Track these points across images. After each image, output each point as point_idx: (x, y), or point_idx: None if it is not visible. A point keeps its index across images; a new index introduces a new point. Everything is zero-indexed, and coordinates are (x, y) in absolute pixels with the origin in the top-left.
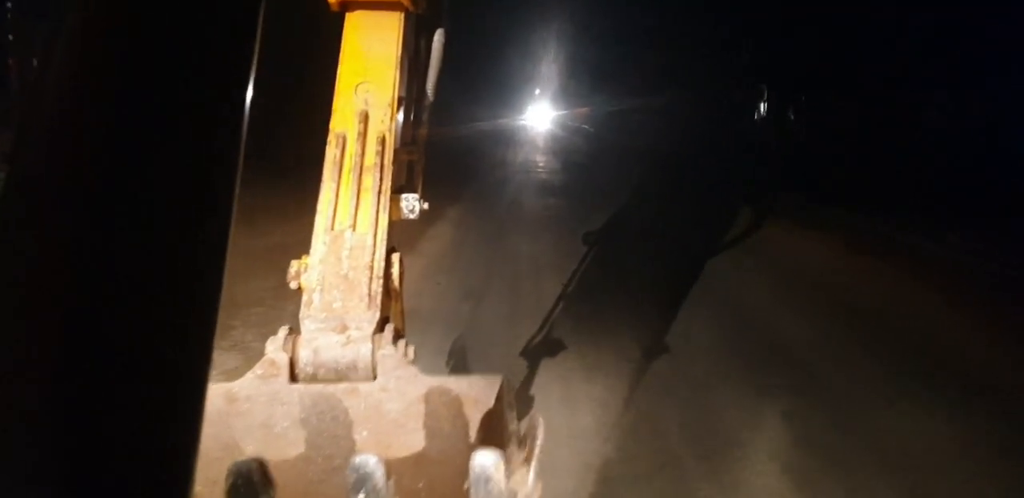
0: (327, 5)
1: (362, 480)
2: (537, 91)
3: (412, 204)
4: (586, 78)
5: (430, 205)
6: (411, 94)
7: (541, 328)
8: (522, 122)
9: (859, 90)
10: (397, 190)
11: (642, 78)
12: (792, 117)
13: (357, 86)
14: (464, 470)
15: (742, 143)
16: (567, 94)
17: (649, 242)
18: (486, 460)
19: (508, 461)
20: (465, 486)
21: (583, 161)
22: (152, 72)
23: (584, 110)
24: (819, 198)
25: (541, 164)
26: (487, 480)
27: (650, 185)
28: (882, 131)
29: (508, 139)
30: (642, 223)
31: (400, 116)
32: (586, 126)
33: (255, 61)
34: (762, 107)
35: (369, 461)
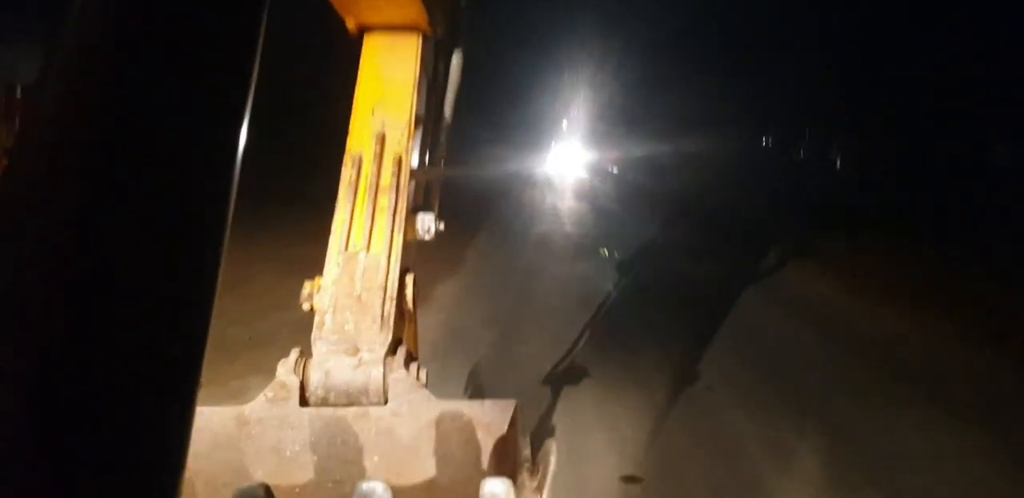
0: (344, 29)
1: None
2: (564, 129)
3: (428, 224)
4: (615, 121)
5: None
6: (429, 115)
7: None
8: (549, 166)
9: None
10: (413, 210)
11: (672, 122)
12: (838, 161)
13: (374, 108)
14: (475, 497)
15: (772, 186)
16: (596, 137)
17: (675, 288)
18: (496, 488)
19: (519, 488)
20: None
21: (613, 208)
22: (153, 84)
23: (614, 155)
24: (853, 239)
25: (567, 212)
26: None
27: (679, 231)
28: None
29: (534, 183)
30: (668, 274)
31: (417, 137)
32: (614, 170)
33: (254, 82)
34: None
35: (377, 488)
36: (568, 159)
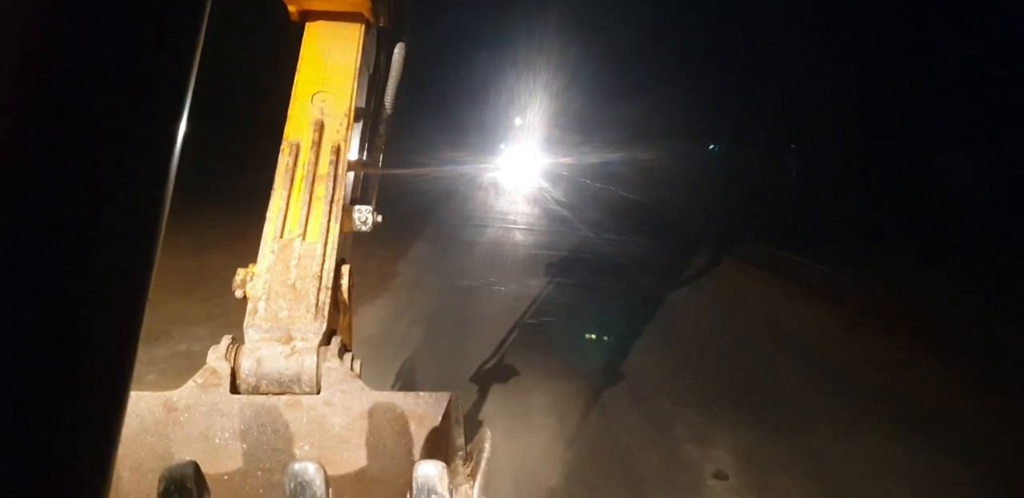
0: (287, 15)
1: (300, 488)
2: (518, 133)
3: (365, 216)
4: (570, 127)
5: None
6: (369, 106)
7: (497, 351)
8: (502, 169)
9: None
10: (351, 202)
11: (626, 127)
12: (793, 168)
13: (314, 95)
14: (406, 488)
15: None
16: (551, 142)
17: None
18: (430, 471)
19: (452, 475)
20: None
21: (566, 214)
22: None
23: (568, 160)
24: (780, 244)
25: (520, 218)
26: (430, 492)
27: (624, 230)
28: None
29: (488, 185)
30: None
31: (357, 128)
32: (565, 173)
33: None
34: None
35: (309, 468)
36: (521, 162)
